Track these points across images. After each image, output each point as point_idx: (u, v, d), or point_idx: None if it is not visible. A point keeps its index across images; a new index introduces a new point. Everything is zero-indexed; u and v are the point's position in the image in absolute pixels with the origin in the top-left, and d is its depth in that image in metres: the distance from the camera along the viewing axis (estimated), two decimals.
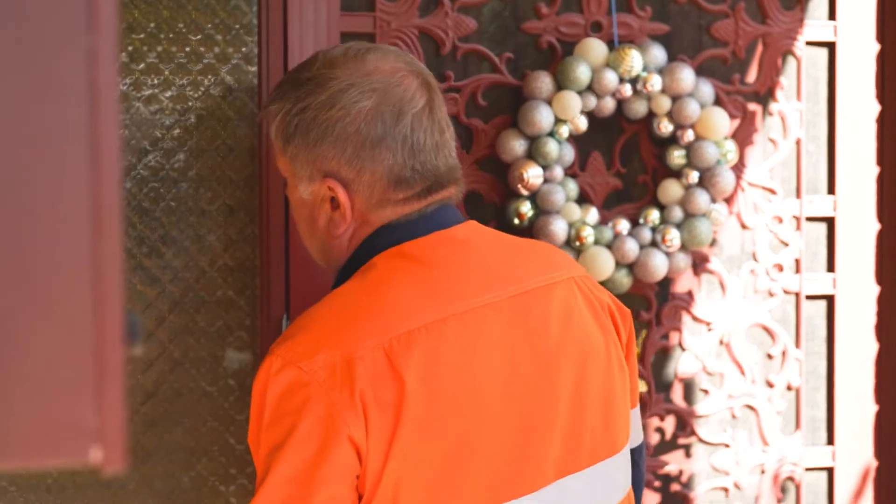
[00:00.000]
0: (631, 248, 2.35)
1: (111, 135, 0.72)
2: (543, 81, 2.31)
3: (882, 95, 2.56)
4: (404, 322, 1.48)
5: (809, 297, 2.55)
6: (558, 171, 2.32)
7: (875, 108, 2.55)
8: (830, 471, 2.58)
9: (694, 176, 2.37)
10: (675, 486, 2.50)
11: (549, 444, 1.56)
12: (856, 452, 2.58)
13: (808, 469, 2.57)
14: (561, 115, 2.30)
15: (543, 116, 2.29)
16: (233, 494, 2.35)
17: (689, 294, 2.47)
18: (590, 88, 2.32)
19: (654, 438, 2.49)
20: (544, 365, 1.56)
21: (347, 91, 1.58)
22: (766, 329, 2.53)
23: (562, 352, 1.58)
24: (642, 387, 2.38)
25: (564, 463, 1.58)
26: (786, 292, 2.54)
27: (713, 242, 2.47)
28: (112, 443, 0.72)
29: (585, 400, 1.60)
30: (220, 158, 2.31)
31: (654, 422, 2.48)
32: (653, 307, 2.45)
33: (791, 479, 2.55)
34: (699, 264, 2.47)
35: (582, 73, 2.30)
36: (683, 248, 2.39)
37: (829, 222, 2.55)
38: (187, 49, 2.30)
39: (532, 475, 1.54)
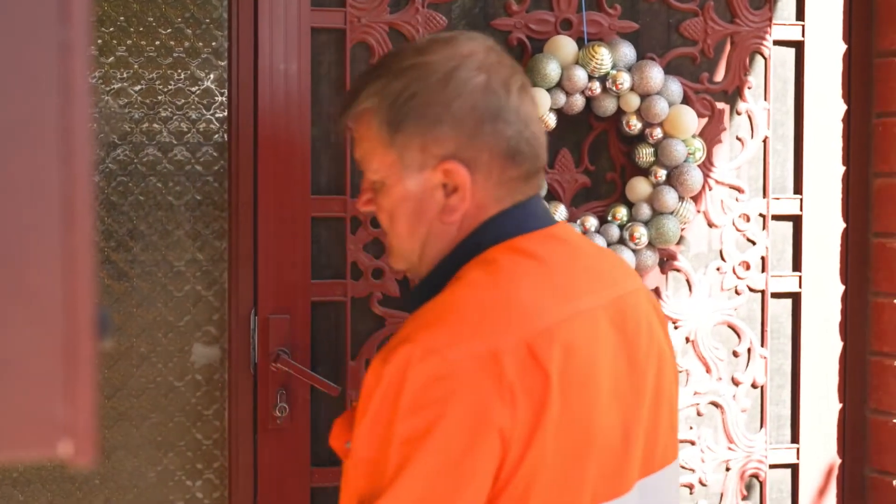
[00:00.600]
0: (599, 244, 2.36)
1: (83, 127, 0.71)
2: None
3: (849, 95, 2.58)
4: (540, 318, 1.48)
5: (775, 296, 2.57)
6: None
7: (842, 107, 2.57)
8: (795, 468, 2.60)
9: (662, 174, 2.39)
10: None
11: (636, 446, 1.59)
12: (820, 450, 2.60)
13: (772, 466, 2.58)
14: None
15: None
16: (199, 489, 2.34)
17: (657, 291, 2.48)
18: (559, 86, 2.33)
19: None
20: (635, 368, 1.59)
21: (457, 71, 1.56)
22: (732, 327, 2.54)
23: (648, 357, 1.62)
24: None
25: (644, 465, 1.61)
26: (752, 290, 2.55)
27: (680, 240, 2.48)
28: (82, 436, 0.71)
29: (660, 405, 1.64)
30: (188, 153, 2.31)
31: None
32: None
33: (756, 476, 2.57)
34: (666, 262, 2.48)
35: (551, 70, 2.31)
36: (651, 245, 2.40)
37: (796, 221, 2.57)
38: (157, 43, 2.29)
39: (624, 476, 1.57)
